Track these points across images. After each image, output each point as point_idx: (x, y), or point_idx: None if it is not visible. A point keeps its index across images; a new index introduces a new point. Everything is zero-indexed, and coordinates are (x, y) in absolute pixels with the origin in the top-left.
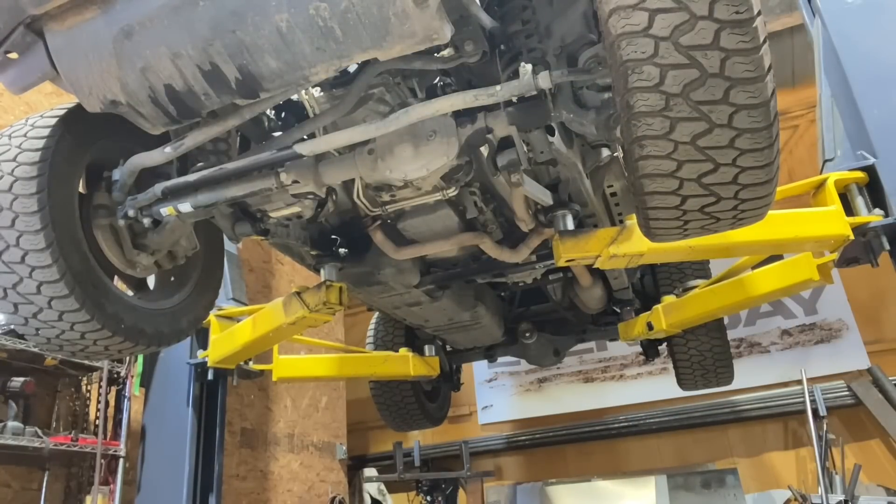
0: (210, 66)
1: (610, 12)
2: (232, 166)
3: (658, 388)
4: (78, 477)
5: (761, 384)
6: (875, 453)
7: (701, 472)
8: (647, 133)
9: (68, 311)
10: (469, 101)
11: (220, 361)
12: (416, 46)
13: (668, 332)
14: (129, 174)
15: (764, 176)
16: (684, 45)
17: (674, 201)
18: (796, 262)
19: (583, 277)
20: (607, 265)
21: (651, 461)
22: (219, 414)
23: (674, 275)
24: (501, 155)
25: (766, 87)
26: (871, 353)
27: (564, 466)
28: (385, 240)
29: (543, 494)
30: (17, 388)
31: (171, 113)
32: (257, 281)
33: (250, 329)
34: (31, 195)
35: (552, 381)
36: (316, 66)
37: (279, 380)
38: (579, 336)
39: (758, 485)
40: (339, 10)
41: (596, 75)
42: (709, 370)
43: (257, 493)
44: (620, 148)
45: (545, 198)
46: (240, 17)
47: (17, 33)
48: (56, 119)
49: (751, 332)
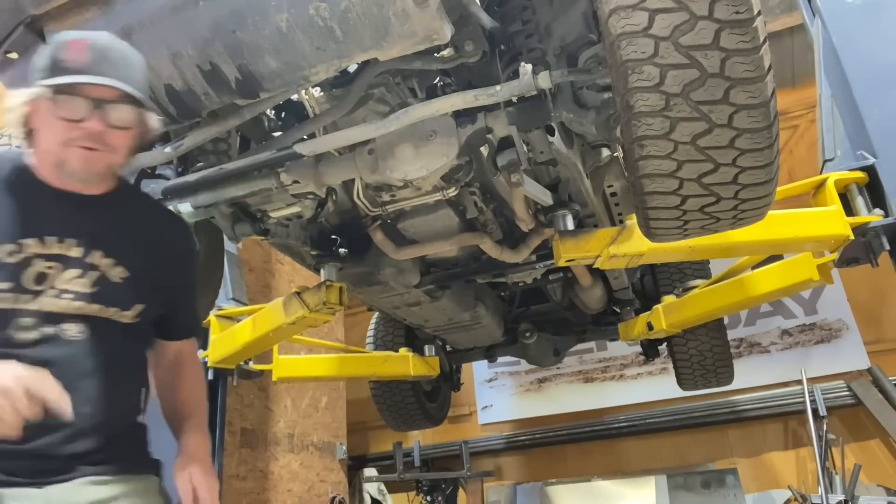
0: (210, 66)
1: (610, 12)
2: (232, 166)
3: (658, 388)
4: None
5: (761, 384)
6: (875, 453)
7: (701, 472)
8: (647, 133)
9: None
10: (469, 101)
11: (220, 361)
12: (416, 46)
13: (668, 332)
14: (129, 174)
15: (764, 176)
16: (684, 45)
17: (674, 201)
18: (796, 262)
19: (583, 277)
20: (607, 265)
21: (651, 461)
22: (219, 414)
23: (674, 275)
24: (501, 155)
25: (766, 87)
26: (871, 353)
27: (564, 466)
28: (385, 240)
29: (543, 494)
30: None
31: (171, 113)
32: (257, 281)
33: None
34: None
35: (552, 381)
36: (316, 66)
37: (279, 380)
38: (579, 336)
39: (758, 485)
40: (339, 10)
41: (596, 75)
42: (709, 370)
43: (257, 493)
44: (620, 148)
45: (545, 198)
46: (240, 17)
47: (18, 33)
48: None
49: (751, 332)
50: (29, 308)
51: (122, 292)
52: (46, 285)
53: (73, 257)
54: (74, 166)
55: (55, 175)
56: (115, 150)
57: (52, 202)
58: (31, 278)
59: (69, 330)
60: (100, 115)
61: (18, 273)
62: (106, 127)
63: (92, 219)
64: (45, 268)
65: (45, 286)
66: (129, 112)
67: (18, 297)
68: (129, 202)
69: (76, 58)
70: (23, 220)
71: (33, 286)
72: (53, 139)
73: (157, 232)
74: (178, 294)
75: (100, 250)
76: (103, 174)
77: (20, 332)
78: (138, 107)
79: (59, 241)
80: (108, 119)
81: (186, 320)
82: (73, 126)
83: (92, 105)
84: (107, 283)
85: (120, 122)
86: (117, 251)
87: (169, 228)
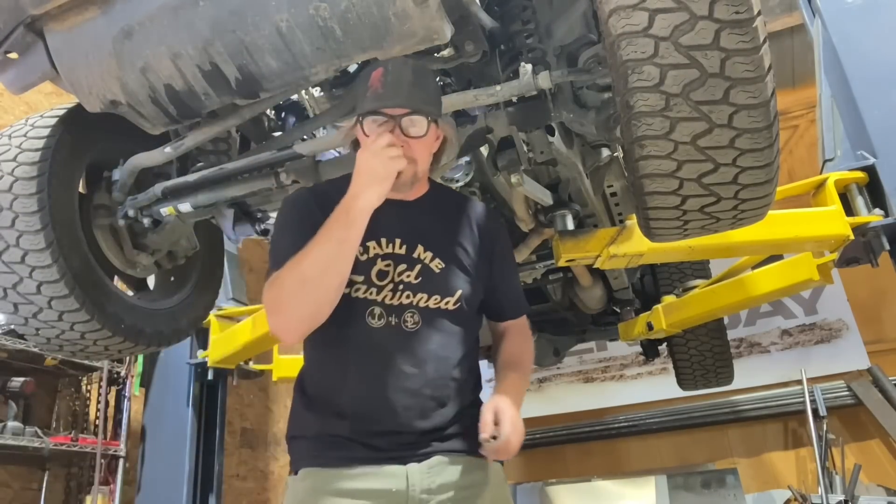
0: (210, 66)
1: (610, 12)
2: (232, 166)
3: (658, 388)
4: (78, 477)
5: (761, 384)
6: (875, 453)
7: (701, 472)
8: (647, 133)
9: (68, 312)
10: (469, 101)
11: (220, 361)
12: (416, 46)
13: (668, 332)
14: (129, 174)
15: (764, 176)
16: (684, 45)
17: (674, 201)
18: (796, 262)
19: (583, 277)
20: (607, 265)
21: (651, 461)
22: (219, 414)
23: (674, 275)
24: (501, 155)
25: (766, 87)
26: (871, 353)
27: (564, 466)
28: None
29: (543, 494)
30: (17, 388)
31: (172, 113)
32: (257, 281)
33: (250, 329)
34: (31, 195)
35: (552, 381)
36: (316, 66)
37: (279, 380)
38: (579, 336)
39: (758, 485)
40: (339, 10)
41: (596, 75)
42: (709, 370)
43: (257, 493)
44: (620, 148)
45: (545, 198)
46: (240, 17)
47: (18, 33)
48: (56, 119)
49: (751, 332)
50: (377, 299)
51: (442, 281)
52: (388, 280)
53: (401, 254)
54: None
55: None
56: (416, 160)
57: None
58: (375, 274)
59: (408, 320)
60: (398, 130)
61: (368, 270)
62: (405, 140)
63: (410, 220)
64: (384, 266)
65: (387, 281)
66: (423, 123)
67: (370, 290)
68: (439, 200)
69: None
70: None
71: (377, 281)
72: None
73: (465, 221)
74: (497, 275)
75: (420, 245)
76: (412, 182)
77: (371, 320)
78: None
79: (389, 241)
80: (407, 133)
81: (510, 300)
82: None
83: (391, 123)
84: (429, 274)
85: (417, 133)
86: (433, 245)
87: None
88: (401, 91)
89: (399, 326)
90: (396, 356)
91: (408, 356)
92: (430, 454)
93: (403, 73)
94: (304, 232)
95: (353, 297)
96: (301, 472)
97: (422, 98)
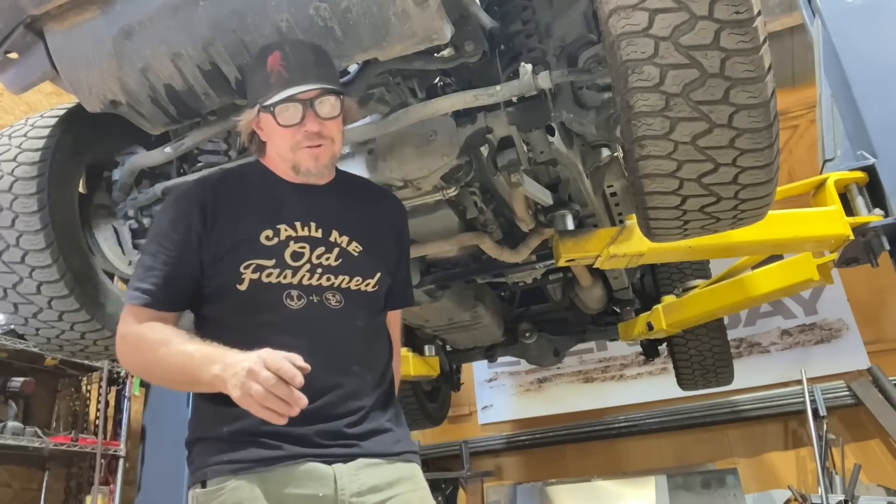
0: (210, 66)
1: (610, 12)
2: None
3: (658, 388)
4: (78, 477)
5: (761, 384)
6: (875, 453)
7: (701, 472)
8: (647, 133)
9: (68, 311)
10: (469, 101)
11: None
12: (416, 46)
13: (668, 332)
14: (129, 174)
15: (764, 176)
16: (684, 45)
17: (674, 201)
18: (796, 262)
19: (583, 277)
20: (607, 265)
21: (651, 461)
22: None
23: (674, 275)
24: (501, 155)
25: (766, 87)
26: (871, 353)
27: (564, 466)
28: None
29: (543, 494)
30: (17, 388)
31: (172, 113)
32: None
33: None
34: (31, 195)
35: (552, 381)
36: None
37: None
38: (579, 336)
39: (758, 485)
40: (339, 10)
41: (596, 75)
42: (709, 370)
43: None
44: (620, 148)
45: (545, 198)
46: (240, 16)
47: (17, 33)
48: (56, 119)
49: (751, 332)
50: (293, 282)
51: (361, 264)
52: (304, 261)
53: (317, 238)
54: (308, 165)
55: (292, 175)
56: (334, 141)
57: (294, 195)
58: (289, 255)
59: (331, 299)
60: (312, 114)
61: (280, 253)
62: (321, 123)
63: (322, 205)
64: (297, 247)
65: (303, 262)
66: (335, 102)
67: (284, 272)
68: (349, 186)
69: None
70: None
71: (292, 262)
72: (284, 146)
73: (376, 208)
74: (398, 264)
75: (334, 230)
76: (330, 165)
77: (290, 301)
78: (337, 95)
79: (304, 224)
80: (320, 115)
81: (405, 290)
82: (296, 130)
83: (304, 107)
84: (349, 256)
85: (330, 113)
86: (347, 229)
87: (385, 203)
88: (308, 72)
89: (322, 304)
90: (323, 331)
91: (335, 330)
92: (355, 456)
93: (304, 52)
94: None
95: (264, 282)
96: (211, 483)
97: (327, 75)
